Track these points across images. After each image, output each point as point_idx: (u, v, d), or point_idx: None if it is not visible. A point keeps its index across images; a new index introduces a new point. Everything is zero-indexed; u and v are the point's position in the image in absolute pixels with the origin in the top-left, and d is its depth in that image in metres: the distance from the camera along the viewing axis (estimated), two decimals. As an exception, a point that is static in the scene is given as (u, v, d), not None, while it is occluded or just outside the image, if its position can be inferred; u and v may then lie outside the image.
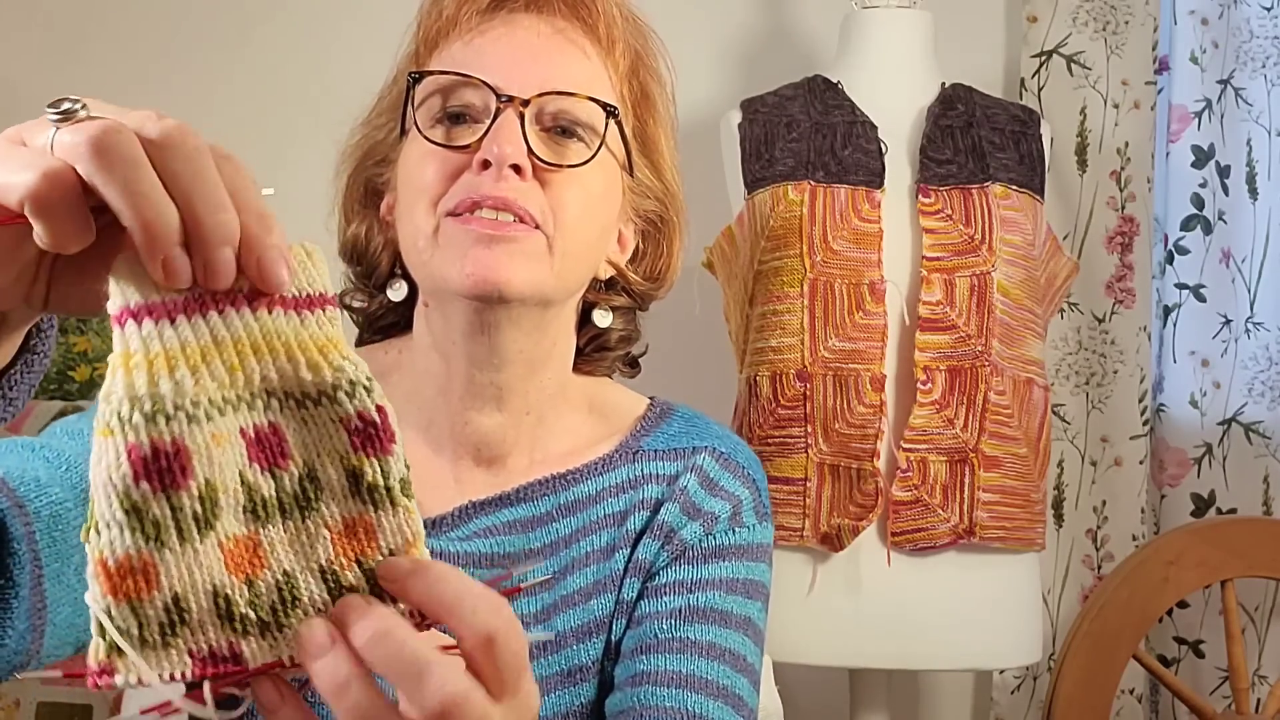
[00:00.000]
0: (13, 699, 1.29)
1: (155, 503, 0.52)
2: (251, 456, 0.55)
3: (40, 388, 2.03)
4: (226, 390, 0.54)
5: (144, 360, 0.52)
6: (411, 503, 0.57)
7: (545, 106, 0.94)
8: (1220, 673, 2.09)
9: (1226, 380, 2.14)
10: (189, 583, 0.53)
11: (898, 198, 1.65)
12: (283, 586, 0.55)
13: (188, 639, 0.53)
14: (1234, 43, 2.14)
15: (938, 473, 1.59)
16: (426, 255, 0.93)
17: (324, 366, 0.55)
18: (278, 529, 0.55)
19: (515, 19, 0.97)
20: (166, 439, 0.52)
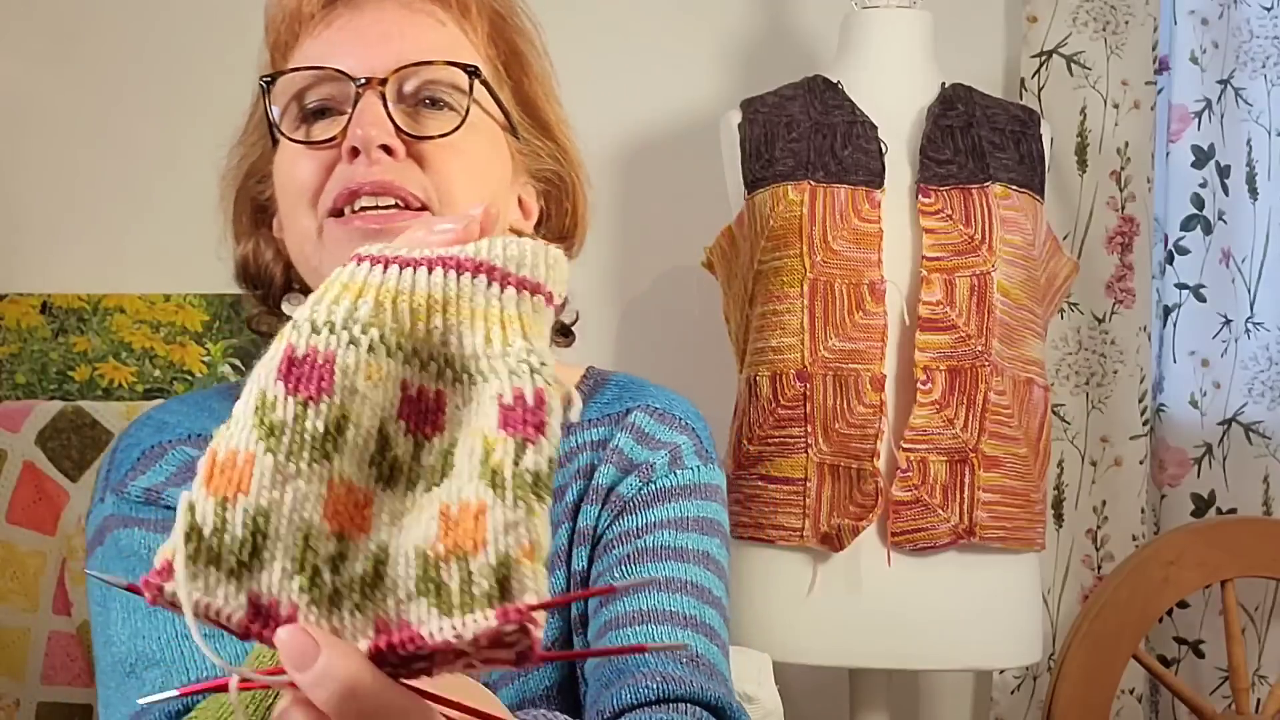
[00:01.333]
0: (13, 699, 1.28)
1: (282, 405, 0.50)
2: (402, 413, 0.52)
3: (40, 387, 2.03)
4: (405, 338, 0.52)
5: (340, 285, 0.53)
6: (541, 507, 0.49)
7: (405, 82, 0.90)
8: (1220, 673, 2.08)
9: (1226, 380, 2.14)
10: (278, 502, 0.49)
11: (898, 198, 1.65)
12: (372, 559, 0.50)
13: (255, 573, 0.49)
14: (1234, 43, 2.14)
15: (938, 473, 1.59)
16: (315, 260, 0.91)
17: (499, 339, 0.52)
18: (397, 498, 0.51)
19: (359, 2, 0.93)
20: (320, 349, 0.51)
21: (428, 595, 0.49)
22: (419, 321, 0.52)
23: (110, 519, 0.92)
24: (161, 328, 2.05)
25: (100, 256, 2.05)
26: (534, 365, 0.51)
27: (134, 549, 0.89)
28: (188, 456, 0.93)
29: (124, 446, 0.96)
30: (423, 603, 0.49)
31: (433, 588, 0.49)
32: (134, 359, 2.05)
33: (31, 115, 2.06)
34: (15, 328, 2.03)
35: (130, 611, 0.86)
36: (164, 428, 0.96)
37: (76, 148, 2.05)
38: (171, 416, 0.97)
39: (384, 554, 0.50)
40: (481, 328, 0.52)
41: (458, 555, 0.48)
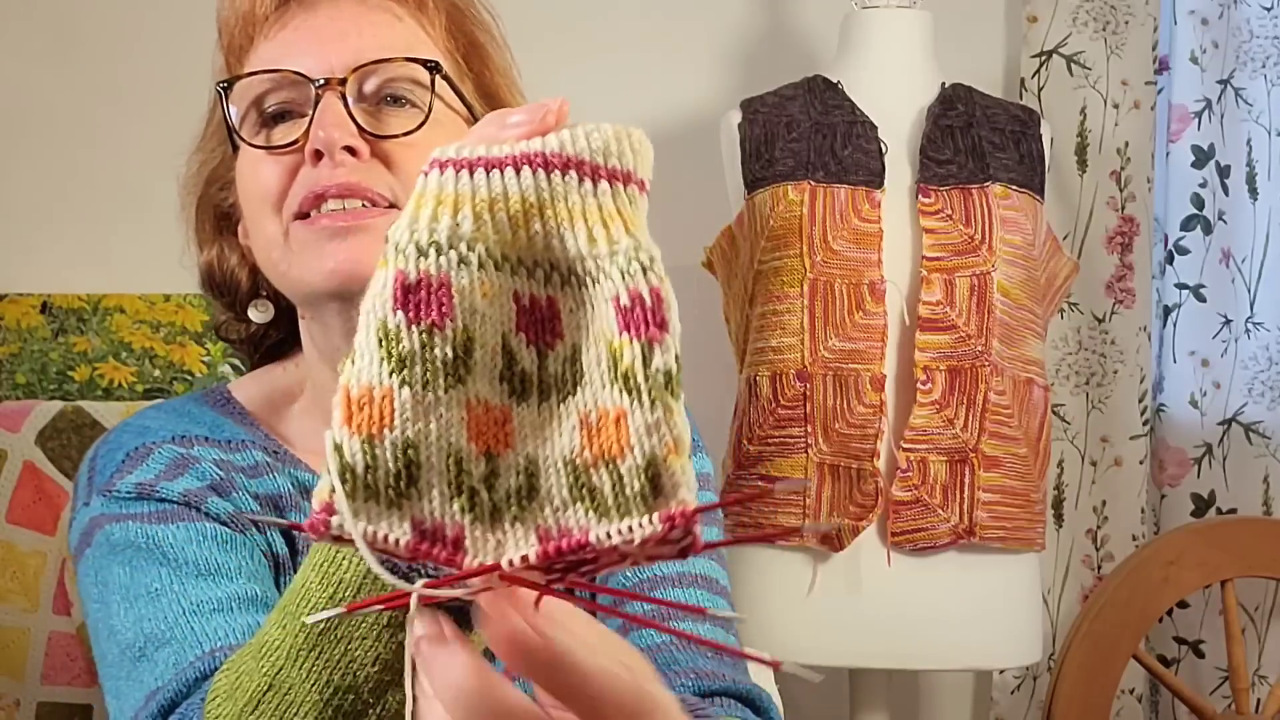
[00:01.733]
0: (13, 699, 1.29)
1: (407, 335, 0.50)
2: (520, 325, 0.52)
3: (40, 387, 2.03)
4: (508, 248, 0.51)
5: (432, 199, 0.52)
6: (676, 403, 0.49)
7: (365, 81, 0.88)
8: (1220, 673, 2.09)
9: (1226, 380, 2.14)
10: (425, 432, 0.50)
11: (898, 198, 1.65)
12: (523, 473, 0.51)
13: (414, 502, 0.50)
14: (1234, 43, 2.14)
15: (938, 473, 1.59)
16: (283, 265, 0.89)
17: (604, 236, 0.51)
18: (531, 409, 0.51)
19: (314, 2, 0.91)
20: (433, 272, 0.50)
21: (582, 501, 0.50)
22: (519, 229, 0.52)
23: (99, 518, 0.90)
24: (161, 328, 2.05)
25: (100, 256, 2.05)
26: (644, 263, 0.51)
27: (129, 539, 0.87)
28: (176, 454, 0.91)
29: (105, 452, 0.94)
30: (579, 508, 0.50)
31: (586, 494, 0.50)
32: (134, 359, 2.05)
33: (32, 115, 2.06)
34: (15, 328, 2.03)
35: (133, 599, 0.84)
36: (145, 431, 0.94)
37: (77, 148, 2.05)
38: (152, 422, 0.96)
39: (534, 466, 0.51)
40: (583, 227, 0.51)
41: (605, 460, 0.50)
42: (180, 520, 0.87)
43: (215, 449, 0.93)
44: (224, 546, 0.86)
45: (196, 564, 0.84)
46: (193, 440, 0.93)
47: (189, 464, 0.91)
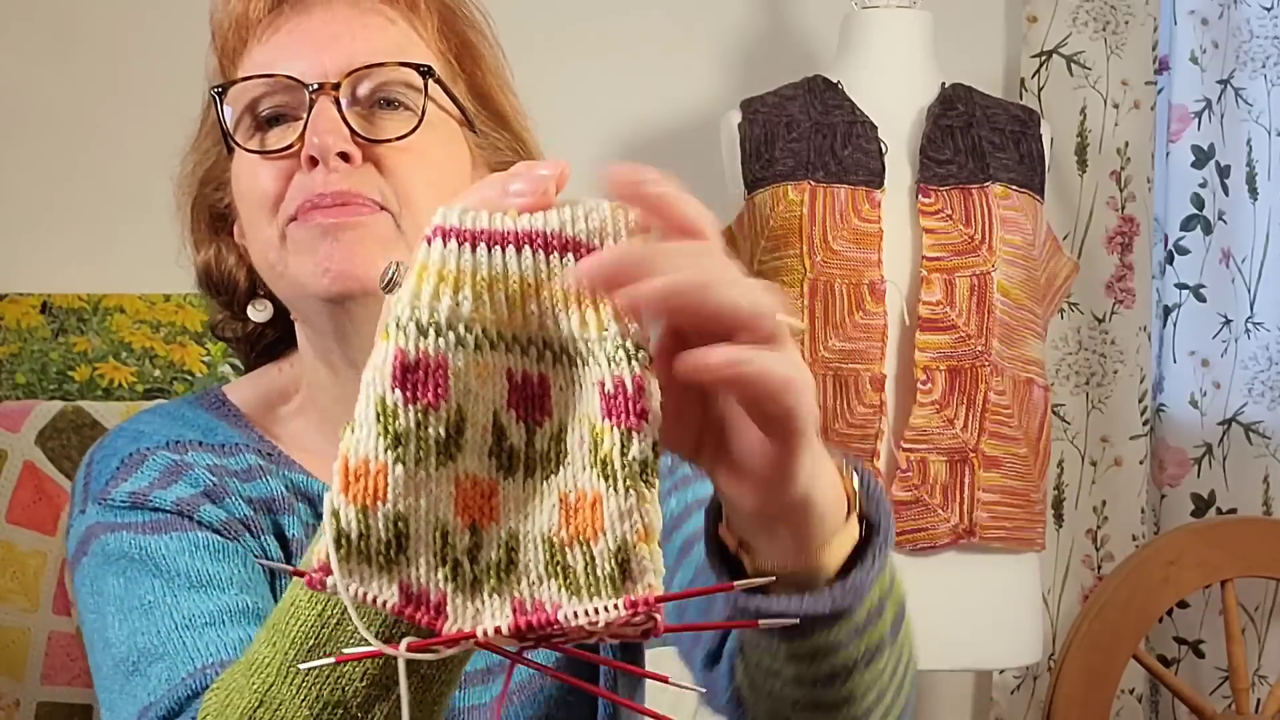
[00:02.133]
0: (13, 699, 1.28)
1: (404, 413, 0.53)
2: (511, 402, 0.54)
3: (40, 387, 2.03)
4: (504, 327, 0.54)
5: (434, 275, 0.53)
6: (650, 491, 0.52)
7: (358, 85, 0.89)
8: (1220, 673, 2.08)
9: (1226, 380, 2.14)
10: (415, 507, 0.53)
11: (898, 198, 1.65)
12: (504, 546, 0.54)
13: (403, 568, 0.53)
14: (1234, 43, 2.14)
15: (937, 473, 1.59)
16: (280, 266, 0.90)
17: (594, 321, 0.53)
18: (517, 484, 0.54)
19: (307, 4, 0.91)
20: (431, 353, 0.53)
21: (556, 577, 0.53)
22: (515, 309, 0.54)
23: (95, 526, 0.90)
24: (161, 328, 2.05)
25: (100, 256, 2.05)
26: (629, 351, 0.53)
27: (123, 550, 0.87)
28: (169, 460, 0.91)
29: (100, 458, 0.94)
30: (553, 584, 0.53)
31: (560, 570, 0.53)
32: (134, 359, 2.05)
33: (32, 115, 2.05)
34: (15, 328, 2.03)
35: (126, 612, 0.84)
36: (140, 436, 0.94)
37: (77, 148, 2.05)
38: (146, 426, 0.96)
39: (514, 541, 0.54)
40: (576, 311, 0.54)
41: (580, 541, 0.53)
42: (173, 530, 0.87)
43: (209, 454, 0.93)
44: (216, 556, 0.86)
45: (189, 575, 0.85)
46: (186, 445, 0.93)
47: (182, 470, 0.91)
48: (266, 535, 0.89)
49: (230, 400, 1.00)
